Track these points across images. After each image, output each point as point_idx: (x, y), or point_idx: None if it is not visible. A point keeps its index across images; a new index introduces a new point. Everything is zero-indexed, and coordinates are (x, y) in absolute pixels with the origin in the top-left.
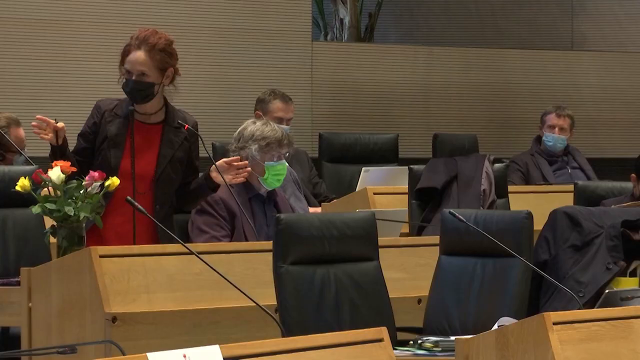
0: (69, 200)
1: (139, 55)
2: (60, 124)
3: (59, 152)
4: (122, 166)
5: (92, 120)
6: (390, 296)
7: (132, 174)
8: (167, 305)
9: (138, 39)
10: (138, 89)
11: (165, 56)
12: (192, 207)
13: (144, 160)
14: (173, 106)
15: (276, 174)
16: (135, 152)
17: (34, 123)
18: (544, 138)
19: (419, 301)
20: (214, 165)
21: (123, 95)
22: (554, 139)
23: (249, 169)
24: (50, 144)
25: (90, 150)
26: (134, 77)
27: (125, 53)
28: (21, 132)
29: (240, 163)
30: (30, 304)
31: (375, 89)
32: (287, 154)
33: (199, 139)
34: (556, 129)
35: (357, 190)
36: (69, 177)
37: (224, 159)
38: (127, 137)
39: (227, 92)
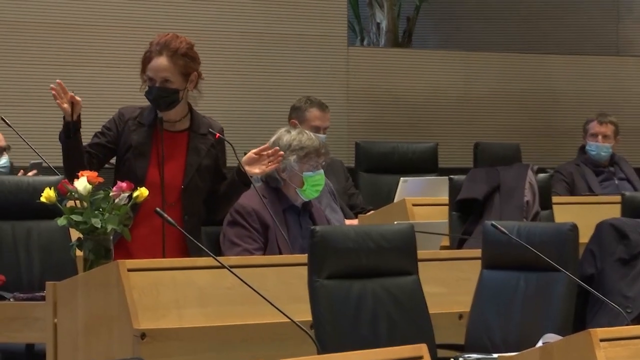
0: (96, 212)
1: (161, 61)
2: (77, 98)
3: (72, 129)
4: (149, 176)
5: (114, 125)
6: (430, 312)
7: (162, 184)
8: (198, 321)
9: (159, 45)
10: (162, 96)
11: (188, 61)
12: (224, 212)
13: (171, 170)
14: (197, 112)
15: (314, 185)
16: (161, 160)
17: (52, 86)
18: (587, 147)
19: (460, 317)
20: (243, 160)
21: (145, 103)
22: (597, 148)
23: (282, 152)
24: (64, 119)
25: (103, 148)
26: (157, 84)
27: (147, 60)
28: None
29: (271, 150)
30: (55, 320)
31: (414, 96)
32: (324, 163)
33: (231, 146)
34: (599, 137)
35: (395, 201)
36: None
37: (253, 150)
38: (152, 146)
39: (260, 100)
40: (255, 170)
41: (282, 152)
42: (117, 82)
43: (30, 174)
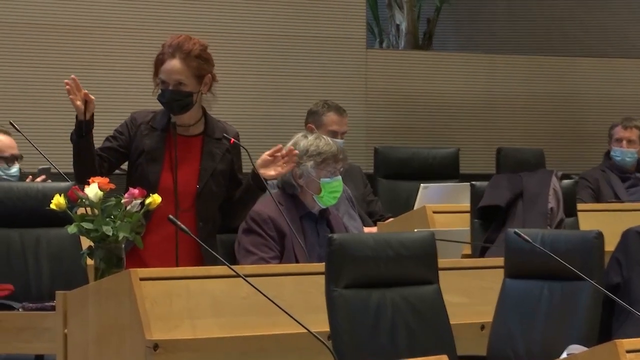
0: (107, 219)
1: (174, 63)
2: (91, 96)
3: (84, 128)
4: (162, 182)
5: (126, 130)
6: (451, 322)
7: (175, 190)
8: (212, 332)
9: (172, 47)
10: (175, 99)
11: (201, 62)
12: (240, 218)
13: (185, 175)
14: (212, 116)
15: (332, 191)
16: (174, 165)
17: (66, 81)
18: (611, 153)
19: (482, 327)
20: (257, 164)
21: (158, 107)
22: (621, 153)
23: (297, 151)
24: (76, 118)
25: (115, 152)
26: (170, 87)
27: (159, 62)
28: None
29: (284, 151)
30: (65, 330)
31: (434, 100)
32: (342, 169)
33: (246, 152)
34: (624, 142)
35: (415, 208)
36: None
37: (266, 153)
38: (165, 151)
39: (276, 103)
40: (270, 172)
41: (296, 151)
42: (130, 85)
43: (38, 179)
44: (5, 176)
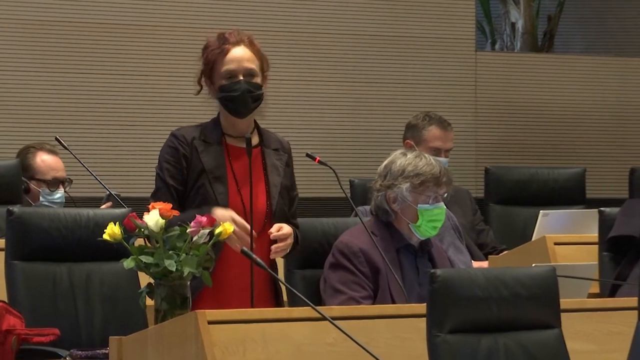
0: (170, 252)
1: (243, 50)
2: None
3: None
4: (232, 203)
5: (176, 154)
6: None
7: (249, 211)
8: None
9: (232, 36)
10: (250, 91)
11: (262, 56)
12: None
13: (253, 193)
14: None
15: (432, 220)
16: (240, 183)
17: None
18: None
19: None
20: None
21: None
22: None
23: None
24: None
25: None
26: (241, 77)
27: (221, 55)
28: (47, 157)
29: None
30: None
31: (556, 111)
32: (446, 194)
33: (333, 172)
34: None
35: (533, 239)
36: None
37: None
38: (227, 168)
39: (367, 116)
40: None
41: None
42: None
43: (103, 206)
44: (47, 202)
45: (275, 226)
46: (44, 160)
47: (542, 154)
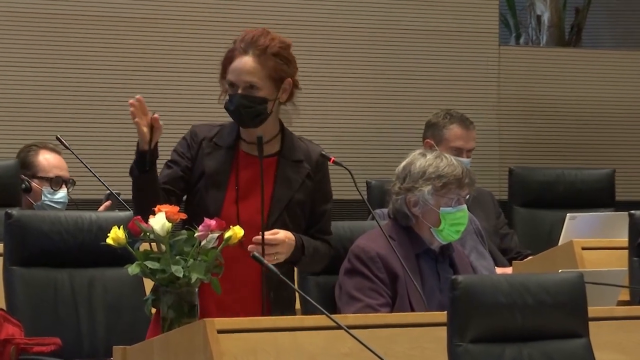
0: (177, 258)
1: (245, 61)
2: (159, 122)
3: (148, 162)
4: (225, 213)
5: (187, 148)
6: None
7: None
8: None
9: (244, 42)
10: (246, 106)
11: (280, 63)
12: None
13: (252, 205)
14: (292, 133)
15: (455, 224)
16: (241, 193)
17: (131, 101)
18: None
19: None
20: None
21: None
22: None
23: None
24: (137, 147)
25: (181, 181)
26: (240, 91)
27: (228, 60)
28: (49, 156)
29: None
30: None
31: (584, 109)
32: (468, 196)
33: (348, 172)
34: None
35: (559, 243)
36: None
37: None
38: (231, 175)
39: (385, 114)
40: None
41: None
42: (198, 92)
43: (102, 208)
44: (49, 202)
45: (271, 231)
46: (47, 158)
47: (569, 153)
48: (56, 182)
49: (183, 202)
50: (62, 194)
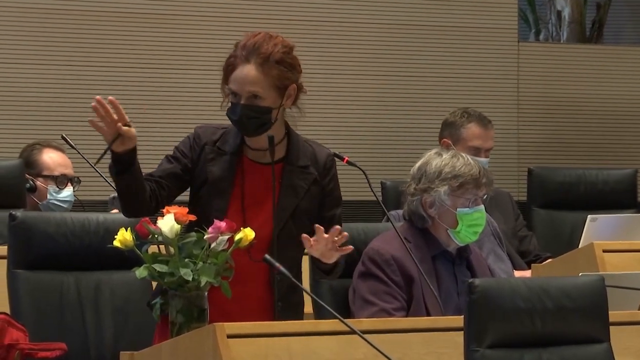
0: (186, 261)
1: (248, 70)
2: (125, 128)
3: (126, 162)
4: (230, 222)
5: (189, 149)
6: None
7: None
8: None
9: (246, 49)
10: (249, 117)
11: (284, 70)
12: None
13: (257, 214)
14: (298, 136)
15: (472, 225)
16: (248, 201)
17: (94, 105)
18: None
19: None
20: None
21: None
22: None
23: (345, 233)
24: (111, 149)
25: (175, 178)
26: (242, 101)
27: (230, 68)
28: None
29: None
30: None
31: (606, 107)
32: (486, 196)
33: (362, 173)
34: None
35: (580, 246)
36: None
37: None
38: (235, 182)
39: (400, 113)
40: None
41: (345, 234)
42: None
43: (114, 211)
44: (55, 200)
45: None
46: (51, 156)
47: (590, 153)
48: (61, 181)
49: (173, 199)
50: (68, 192)
